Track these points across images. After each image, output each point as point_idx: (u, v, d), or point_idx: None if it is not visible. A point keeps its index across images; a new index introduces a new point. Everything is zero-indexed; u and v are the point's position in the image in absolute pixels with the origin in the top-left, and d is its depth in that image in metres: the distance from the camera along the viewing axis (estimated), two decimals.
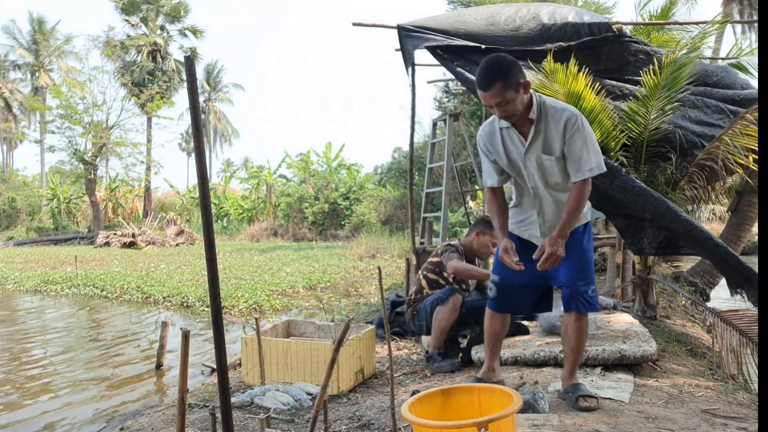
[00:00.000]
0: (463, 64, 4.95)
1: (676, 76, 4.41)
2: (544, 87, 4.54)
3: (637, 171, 4.89)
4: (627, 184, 4.16)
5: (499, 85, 2.50)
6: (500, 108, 2.56)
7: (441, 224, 7.27)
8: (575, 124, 2.60)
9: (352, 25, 5.64)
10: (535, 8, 5.16)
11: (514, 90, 2.53)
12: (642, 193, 4.10)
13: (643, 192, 4.10)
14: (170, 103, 27.78)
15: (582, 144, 2.61)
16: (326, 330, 4.11)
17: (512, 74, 2.53)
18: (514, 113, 2.59)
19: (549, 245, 2.56)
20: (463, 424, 1.78)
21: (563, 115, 2.62)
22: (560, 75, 4.41)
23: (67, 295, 10.56)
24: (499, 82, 2.50)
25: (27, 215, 31.92)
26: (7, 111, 41.17)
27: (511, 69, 2.54)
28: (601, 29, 5.00)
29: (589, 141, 2.62)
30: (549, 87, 4.52)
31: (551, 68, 4.44)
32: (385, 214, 22.20)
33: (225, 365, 1.60)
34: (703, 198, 4.92)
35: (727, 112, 4.87)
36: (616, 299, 4.98)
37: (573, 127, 2.60)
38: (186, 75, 1.58)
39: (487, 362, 3.09)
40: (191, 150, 46.99)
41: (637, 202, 4.12)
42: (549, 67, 4.46)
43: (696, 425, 2.50)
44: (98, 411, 4.45)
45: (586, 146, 2.61)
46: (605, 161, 4.21)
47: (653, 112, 4.53)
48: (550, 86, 4.51)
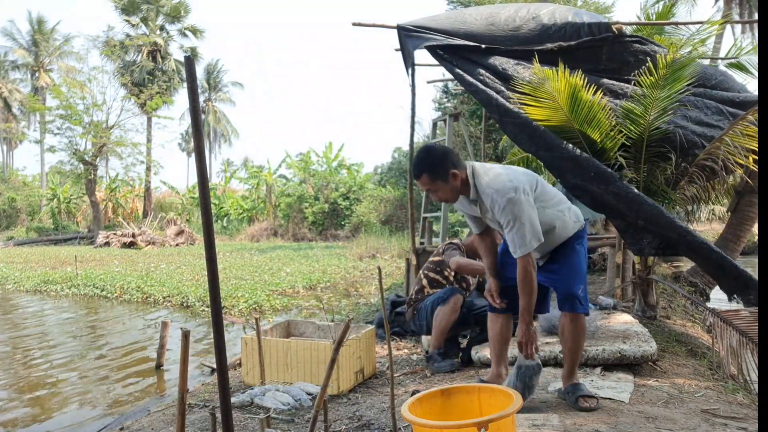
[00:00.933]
0: (462, 65, 4.95)
1: (677, 76, 4.40)
2: (537, 90, 4.55)
3: (637, 171, 4.89)
4: (621, 190, 4.21)
5: (426, 176, 2.70)
6: (433, 194, 2.76)
7: (441, 224, 7.27)
8: (499, 206, 2.64)
9: (352, 25, 5.64)
10: (535, 8, 5.16)
11: (442, 180, 2.69)
12: (636, 200, 4.13)
13: (637, 198, 4.13)
14: (170, 102, 27.76)
15: (508, 225, 2.63)
16: (326, 330, 4.11)
17: (440, 165, 2.69)
18: (446, 199, 2.79)
19: (519, 337, 2.74)
20: (463, 424, 1.78)
21: (489, 197, 2.67)
22: (552, 80, 4.41)
23: (67, 295, 10.56)
24: (425, 174, 2.69)
25: (27, 215, 31.92)
26: (7, 111, 41.16)
27: (440, 160, 2.69)
28: (601, 29, 5.00)
29: (516, 222, 2.61)
30: (543, 90, 4.51)
31: (542, 75, 4.45)
32: (385, 214, 22.19)
33: (225, 365, 1.60)
34: (703, 198, 4.92)
35: (726, 114, 4.87)
36: (616, 299, 4.98)
37: (498, 210, 2.65)
38: (186, 75, 1.57)
39: (494, 368, 3.08)
40: (191, 150, 46.97)
41: (631, 208, 4.16)
42: (539, 73, 4.46)
43: (696, 425, 2.50)
44: (98, 411, 4.45)
45: (512, 227, 2.62)
46: (598, 168, 4.29)
47: (653, 112, 4.53)
48: (543, 89, 4.51)
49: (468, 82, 4.87)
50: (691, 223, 5.52)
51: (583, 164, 4.39)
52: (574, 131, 4.73)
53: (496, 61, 4.95)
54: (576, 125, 4.67)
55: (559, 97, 4.48)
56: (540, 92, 4.56)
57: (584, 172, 4.37)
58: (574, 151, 4.44)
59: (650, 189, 4.98)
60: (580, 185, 4.47)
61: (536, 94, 4.59)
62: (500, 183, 2.66)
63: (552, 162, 4.59)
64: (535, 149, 4.67)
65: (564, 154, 4.46)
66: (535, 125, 4.59)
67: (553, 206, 2.82)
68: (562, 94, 4.48)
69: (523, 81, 4.62)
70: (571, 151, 4.44)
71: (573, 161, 4.42)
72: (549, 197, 2.83)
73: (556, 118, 4.68)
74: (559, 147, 4.49)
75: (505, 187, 2.63)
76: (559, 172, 4.67)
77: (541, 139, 4.58)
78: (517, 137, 4.86)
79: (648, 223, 4.16)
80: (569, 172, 4.49)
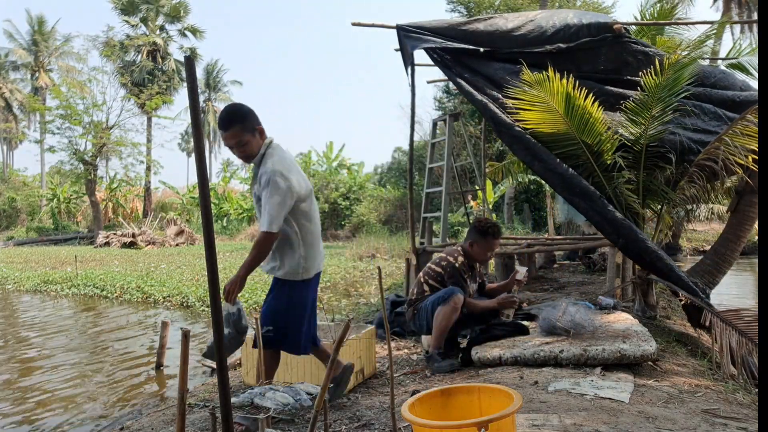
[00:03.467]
0: (460, 72, 4.99)
1: (677, 77, 4.40)
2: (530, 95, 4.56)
3: (636, 172, 4.90)
4: (602, 209, 4.39)
5: (239, 127, 2.82)
6: (239, 148, 2.86)
7: (441, 224, 7.27)
8: (267, 178, 2.81)
9: (352, 24, 5.65)
10: (533, 11, 5.18)
11: (251, 133, 2.86)
12: (615, 221, 4.33)
13: (616, 220, 4.33)
14: (170, 101, 27.77)
15: (266, 198, 2.81)
16: (326, 330, 4.11)
17: (251, 119, 2.87)
18: (251, 154, 2.90)
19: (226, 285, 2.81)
20: (463, 424, 1.78)
21: (266, 166, 2.84)
22: (546, 84, 4.43)
23: (67, 295, 10.56)
24: (239, 125, 2.82)
25: (27, 215, 31.93)
26: (8, 111, 41.16)
27: (250, 114, 2.88)
28: (600, 30, 5.00)
29: (273, 197, 2.78)
30: (537, 95, 4.52)
31: (534, 79, 4.46)
32: (385, 214, 22.19)
33: (225, 365, 1.60)
34: (703, 198, 4.91)
35: (725, 118, 4.88)
36: (616, 299, 4.97)
37: (265, 181, 2.82)
38: (186, 75, 1.57)
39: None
40: (191, 150, 46.99)
41: (613, 227, 4.37)
42: (529, 78, 4.47)
43: (696, 425, 2.50)
44: (98, 411, 4.45)
45: (268, 201, 2.79)
46: (580, 184, 4.47)
47: (654, 111, 4.53)
48: (537, 94, 4.51)
49: (466, 91, 4.94)
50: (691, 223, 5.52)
51: (568, 181, 4.54)
52: (570, 134, 4.74)
53: (493, 67, 4.99)
54: (572, 127, 4.68)
55: (554, 100, 4.51)
56: (532, 97, 4.57)
57: (570, 188, 4.53)
58: (561, 167, 4.59)
59: (650, 189, 4.99)
60: (568, 198, 4.66)
61: (529, 99, 4.60)
62: (281, 165, 2.84)
63: (543, 173, 4.73)
64: (529, 159, 4.76)
65: (552, 167, 4.60)
66: (526, 138, 4.69)
67: (306, 232, 2.97)
68: (557, 98, 4.50)
69: (518, 87, 4.64)
70: (558, 166, 4.60)
71: (560, 177, 4.57)
72: (311, 219, 3.00)
73: (550, 120, 4.70)
74: (548, 160, 4.62)
75: (283, 168, 2.82)
76: (551, 183, 4.82)
77: (533, 150, 4.70)
78: (512, 146, 4.97)
79: (629, 243, 4.35)
80: (558, 186, 4.70)
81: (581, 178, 4.53)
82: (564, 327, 3.77)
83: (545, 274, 8.36)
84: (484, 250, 4.01)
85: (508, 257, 7.20)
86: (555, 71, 4.44)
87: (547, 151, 4.62)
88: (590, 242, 7.43)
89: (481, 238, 3.99)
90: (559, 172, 4.53)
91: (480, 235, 4.00)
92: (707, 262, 6.35)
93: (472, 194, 14.10)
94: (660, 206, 5.11)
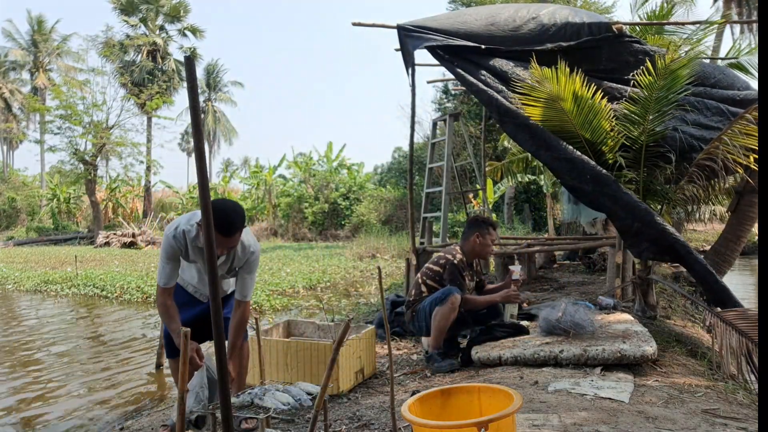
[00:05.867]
0: (463, 66, 4.96)
1: (676, 76, 4.40)
2: (535, 91, 4.55)
3: (637, 171, 4.89)
4: (616, 192, 4.30)
5: (239, 234, 2.84)
6: (229, 248, 2.84)
7: (441, 224, 7.27)
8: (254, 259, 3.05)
9: (352, 24, 5.65)
10: (534, 8, 5.16)
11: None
12: (630, 203, 4.26)
13: (632, 202, 4.26)
14: (170, 102, 27.77)
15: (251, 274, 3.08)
16: (326, 330, 4.11)
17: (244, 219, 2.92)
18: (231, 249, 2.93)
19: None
20: (463, 424, 1.78)
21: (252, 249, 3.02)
22: (551, 80, 4.42)
23: (67, 295, 10.56)
24: (239, 231, 2.83)
25: (27, 215, 31.93)
26: (8, 111, 41.15)
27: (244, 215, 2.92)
28: (601, 29, 5.00)
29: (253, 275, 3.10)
30: (541, 91, 4.52)
31: (540, 75, 4.45)
32: (385, 214, 22.19)
33: (225, 365, 1.60)
34: (703, 198, 4.91)
35: (727, 113, 4.87)
36: (616, 299, 4.97)
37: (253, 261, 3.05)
38: (186, 75, 1.57)
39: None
40: (191, 150, 46.96)
41: (627, 211, 4.29)
42: (537, 73, 4.47)
43: (696, 425, 2.50)
44: (98, 411, 4.45)
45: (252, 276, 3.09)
46: (593, 170, 4.39)
47: (652, 113, 4.53)
48: (541, 90, 4.51)
49: (469, 82, 4.89)
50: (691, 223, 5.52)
51: (579, 166, 4.45)
52: (574, 131, 4.74)
53: (496, 63, 4.97)
54: (576, 125, 4.68)
55: (562, 94, 4.50)
56: (539, 92, 4.56)
57: (581, 174, 4.44)
58: (573, 153, 4.49)
59: (650, 189, 4.98)
60: (577, 187, 4.53)
61: (535, 95, 4.60)
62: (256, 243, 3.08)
63: (551, 162, 4.63)
64: (535, 148, 4.69)
65: (561, 154, 4.51)
66: (534, 125, 4.62)
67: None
68: (561, 94, 4.50)
69: (523, 82, 4.63)
70: (569, 152, 4.49)
71: (570, 163, 4.47)
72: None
73: (556, 118, 4.69)
74: (557, 147, 4.53)
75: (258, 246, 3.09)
76: (558, 172, 4.72)
77: (541, 139, 4.61)
78: (517, 136, 4.87)
79: (644, 227, 4.25)
80: (567, 173, 4.55)
81: (593, 162, 4.48)
82: (564, 327, 3.76)
83: (545, 274, 8.36)
84: (486, 240, 4.10)
85: (508, 257, 7.20)
86: (565, 66, 4.44)
87: (555, 137, 4.58)
88: (590, 242, 7.43)
89: (482, 229, 4.10)
90: (569, 158, 4.46)
91: (479, 227, 4.11)
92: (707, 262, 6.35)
93: (473, 194, 14.11)
94: (660, 206, 5.10)
